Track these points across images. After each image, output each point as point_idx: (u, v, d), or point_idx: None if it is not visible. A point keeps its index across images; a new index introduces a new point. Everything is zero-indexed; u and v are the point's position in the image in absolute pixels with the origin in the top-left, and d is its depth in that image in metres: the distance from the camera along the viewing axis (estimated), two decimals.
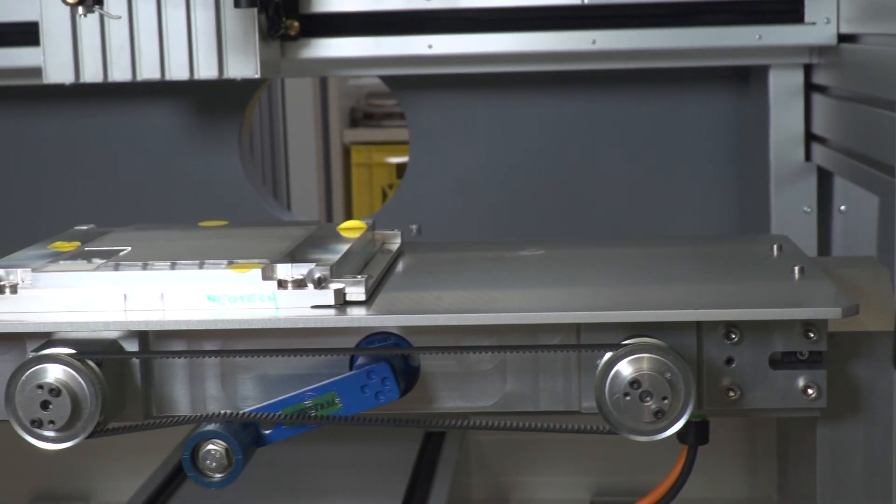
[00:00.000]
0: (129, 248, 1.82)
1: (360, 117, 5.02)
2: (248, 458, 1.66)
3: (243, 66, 2.57)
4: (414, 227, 2.16)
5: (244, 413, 1.67)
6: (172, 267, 1.71)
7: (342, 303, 1.68)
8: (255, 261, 1.71)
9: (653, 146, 3.00)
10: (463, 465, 3.07)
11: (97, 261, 1.74)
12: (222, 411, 1.68)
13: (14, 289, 1.71)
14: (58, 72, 2.58)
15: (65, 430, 1.65)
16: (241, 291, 1.67)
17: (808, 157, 2.79)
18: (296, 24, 2.69)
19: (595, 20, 2.64)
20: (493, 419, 1.70)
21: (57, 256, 1.80)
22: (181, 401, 1.75)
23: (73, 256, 1.77)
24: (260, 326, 1.66)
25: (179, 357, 1.69)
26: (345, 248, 1.81)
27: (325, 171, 4.75)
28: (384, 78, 3.05)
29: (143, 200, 3.08)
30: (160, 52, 2.58)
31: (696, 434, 1.71)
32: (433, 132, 3.02)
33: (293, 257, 1.73)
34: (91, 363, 1.65)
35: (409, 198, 3.06)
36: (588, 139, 3.00)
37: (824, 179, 2.84)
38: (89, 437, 1.67)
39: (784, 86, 2.81)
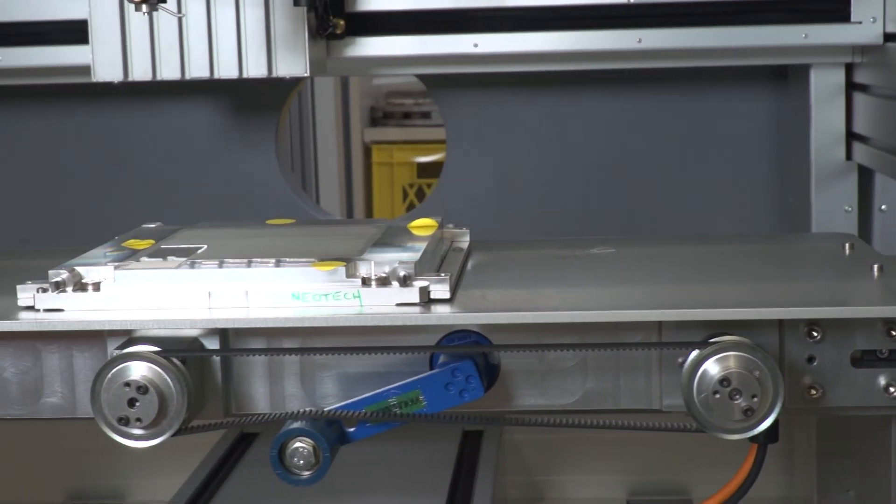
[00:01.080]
0: (206, 246, 1.81)
1: (379, 116, 5.02)
2: (333, 455, 1.67)
3: (292, 64, 2.56)
4: None
5: (329, 411, 1.67)
6: (255, 265, 1.70)
7: (427, 300, 1.68)
8: (338, 258, 1.70)
9: (690, 145, 3.00)
10: (499, 463, 3.07)
11: (176, 259, 1.74)
12: (306, 409, 1.68)
13: (97, 286, 1.71)
14: (106, 70, 2.58)
15: (151, 428, 1.65)
16: (326, 289, 1.68)
17: (848, 156, 2.80)
18: (341, 22, 2.68)
19: (641, 19, 2.64)
20: (574, 417, 1.71)
21: (135, 254, 1.80)
22: (260, 399, 1.76)
23: (151, 254, 1.77)
24: (346, 324, 1.66)
25: (268, 355, 1.69)
26: (422, 245, 1.81)
27: (346, 170, 4.75)
28: (421, 76, 3.04)
29: (180, 198, 3.07)
30: (209, 51, 2.57)
31: (766, 433, 1.70)
32: (469, 131, 3.02)
33: (373, 255, 1.73)
34: (176, 361, 1.65)
35: (445, 196, 3.06)
36: (625, 137, 3.00)
37: (865, 178, 2.84)
38: (174, 434, 1.66)
39: (825, 85, 2.81)
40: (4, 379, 1.73)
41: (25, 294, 1.72)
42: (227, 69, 2.56)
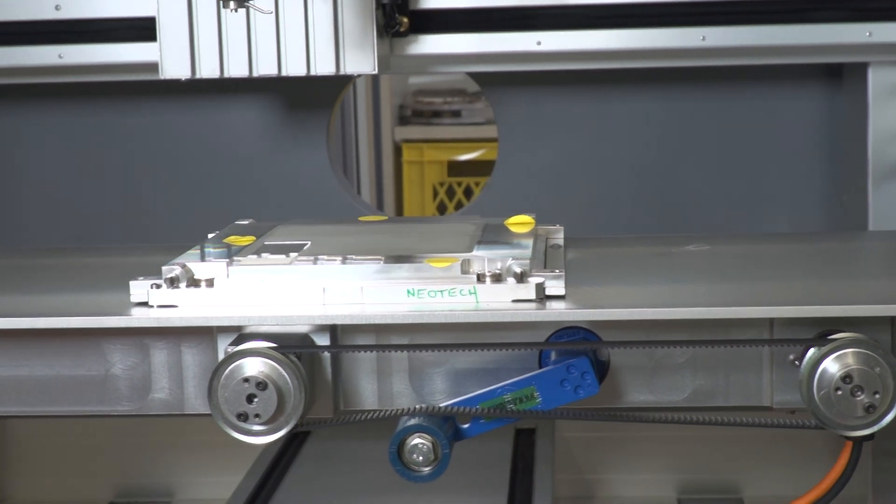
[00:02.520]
0: (310, 243, 1.81)
1: (408, 115, 5.02)
2: (451, 452, 1.67)
3: (361, 62, 2.57)
4: None
5: (444, 407, 1.67)
6: (369, 261, 1.71)
7: (542, 297, 1.69)
8: (452, 255, 1.71)
9: (741, 142, 3.01)
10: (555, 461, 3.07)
11: (287, 255, 1.74)
12: (421, 405, 1.68)
13: (210, 282, 1.71)
14: (174, 67, 2.58)
15: (269, 424, 1.65)
16: (442, 285, 1.68)
17: None
18: (405, 20, 2.68)
19: (705, 17, 2.65)
20: (685, 413, 1.71)
21: (240, 250, 1.80)
22: (368, 395, 1.76)
23: (259, 251, 1.77)
24: (463, 320, 1.66)
25: (388, 351, 1.70)
26: (528, 242, 1.82)
27: (377, 168, 4.75)
28: (472, 74, 3.05)
29: (232, 196, 3.08)
30: (277, 49, 2.57)
31: None
32: (521, 128, 3.03)
33: (484, 251, 1.73)
34: (293, 357, 1.66)
35: (497, 194, 3.07)
36: (676, 134, 3.01)
37: None
38: (290, 430, 1.66)
39: (883, 83, 2.82)
40: (113, 375, 1.73)
41: (139, 290, 1.72)
42: (294, 67, 2.56)
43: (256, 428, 1.65)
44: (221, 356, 1.70)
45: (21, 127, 3.06)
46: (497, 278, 1.68)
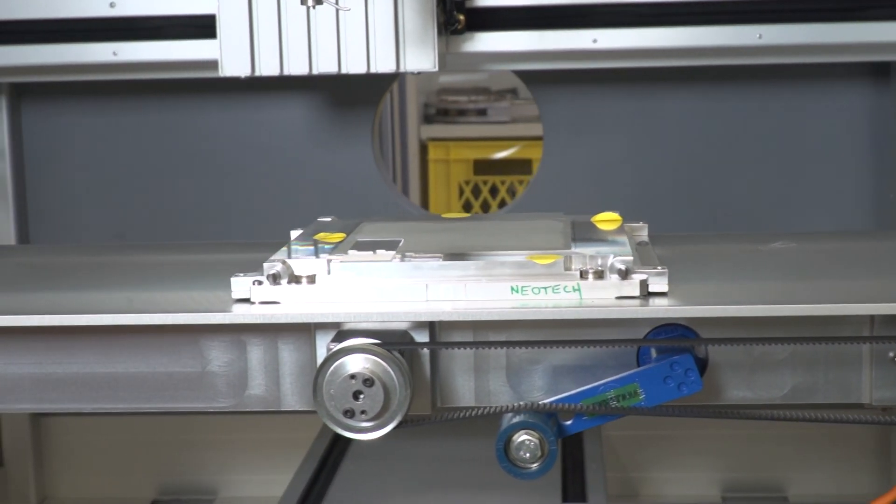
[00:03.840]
0: (403, 240, 1.81)
1: (432, 113, 5.02)
2: (558, 448, 1.67)
3: (421, 59, 2.57)
4: None
5: (548, 404, 1.67)
6: (471, 258, 1.71)
7: (646, 294, 1.69)
8: (553, 252, 1.71)
9: (786, 141, 3.01)
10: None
11: (386, 252, 1.74)
12: (523, 402, 1.68)
13: (311, 279, 1.71)
14: (234, 66, 2.58)
15: (375, 420, 1.65)
16: (546, 282, 1.68)
17: None
18: (462, 17, 2.68)
19: (763, 14, 2.65)
20: (787, 410, 1.72)
21: (335, 247, 1.80)
22: (465, 392, 1.76)
23: (356, 248, 1.77)
24: (569, 317, 1.67)
25: (496, 347, 1.70)
26: (624, 239, 1.82)
27: (402, 167, 4.75)
28: (517, 72, 3.05)
29: (278, 194, 3.07)
30: (337, 46, 2.57)
31: None
32: (566, 125, 3.03)
33: (583, 248, 1.74)
34: (397, 353, 1.66)
35: (541, 192, 3.07)
36: (721, 133, 3.01)
37: None
38: (395, 426, 1.67)
39: None
40: (210, 372, 1.73)
41: (240, 286, 1.71)
42: (355, 64, 2.56)
43: (362, 424, 1.64)
44: (321, 353, 1.70)
45: (58, 123, 3.06)
46: (599, 275, 1.68)
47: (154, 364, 1.73)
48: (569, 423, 1.68)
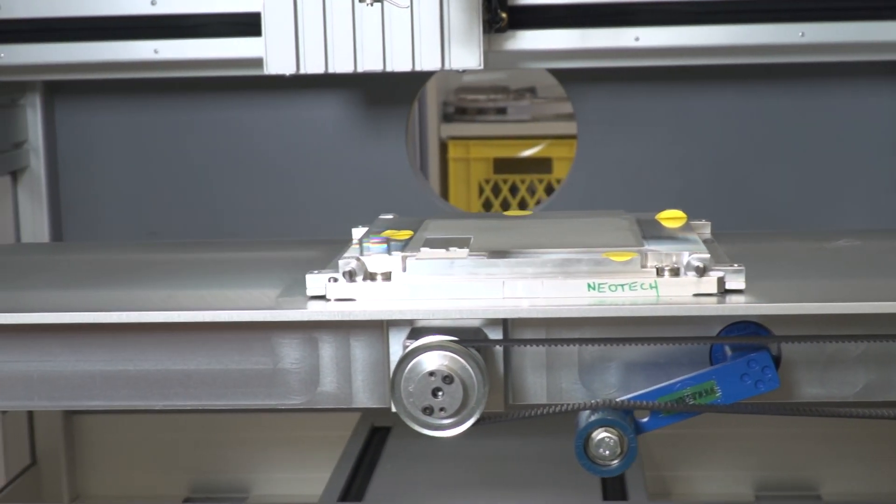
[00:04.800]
0: (473, 237, 1.81)
1: (451, 112, 5.02)
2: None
3: (466, 57, 2.57)
4: None
5: (624, 401, 1.68)
6: (546, 255, 1.71)
7: (723, 291, 1.69)
8: (628, 249, 1.71)
9: (819, 139, 3.01)
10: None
11: (460, 249, 1.74)
12: (600, 400, 1.68)
13: (387, 276, 1.71)
14: (279, 63, 2.58)
15: (453, 417, 1.65)
16: (623, 280, 1.68)
17: None
18: (504, 15, 2.68)
19: (805, 12, 2.65)
20: (859, 408, 1.72)
21: (405, 245, 1.79)
22: (537, 390, 1.76)
23: (429, 245, 1.77)
24: (646, 314, 1.67)
25: (575, 345, 1.69)
26: (695, 237, 1.82)
27: (422, 165, 4.75)
28: (553, 70, 3.05)
29: (310, 192, 3.07)
30: (382, 44, 2.57)
31: None
32: (600, 124, 3.03)
33: (656, 246, 1.73)
34: (474, 350, 1.66)
35: (575, 190, 3.08)
36: (754, 131, 3.02)
37: None
38: (474, 424, 1.67)
39: None
40: (283, 369, 1.73)
41: (316, 283, 1.71)
42: (400, 62, 2.56)
43: (441, 422, 1.64)
44: (394, 350, 1.70)
45: (91, 120, 3.05)
46: (675, 272, 1.68)
47: (226, 361, 1.73)
48: (645, 420, 1.68)
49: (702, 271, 1.66)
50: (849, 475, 3.11)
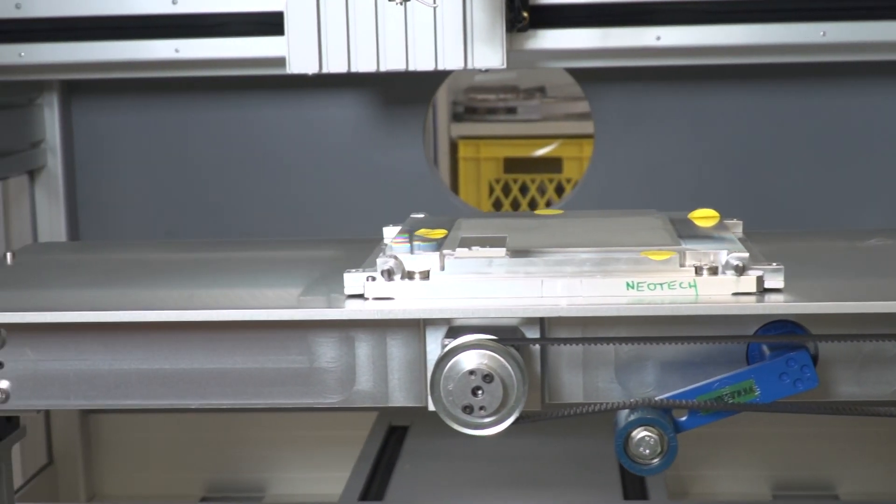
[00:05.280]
0: (508, 236, 1.81)
1: (461, 111, 5.02)
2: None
3: (489, 56, 2.57)
4: None
5: (663, 399, 1.68)
6: (584, 253, 1.71)
7: (762, 290, 1.69)
8: (666, 248, 1.71)
9: (838, 139, 3.02)
10: None
11: (497, 248, 1.74)
12: (638, 399, 1.68)
13: (425, 275, 1.71)
14: (301, 63, 2.58)
15: (493, 416, 1.65)
16: (662, 279, 1.68)
17: None
18: (525, 14, 2.68)
19: (827, 12, 2.65)
20: None
21: (441, 243, 1.79)
22: (574, 389, 1.76)
23: (465, 244, 1.77)
24: (686, 313, 1.67)
25: (610, 343, 1.69)
26: (732, 236, 1.82)
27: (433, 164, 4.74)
28: (570, 70, 3.05)
29: (327, 191, 3.08)
30: (405, 43, 2.57)
31: None
32: (617, 123, 3.03)
33: (693, 245, 1.73)
34: (513, 349, 1.66)
35: (592, 189, 3.08)
36: (773, 130, 3.02)
37: None
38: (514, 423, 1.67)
39: None
40: (318, 368, 1.73)
41: (354, 282, 1.71)
42: (422, 62, 2.56)
43: (481, 420, 1.64)
44: (431, 349, 1.70)
45: (108, 120, 3.05)
46: (713, 271, 1.67)
47: (262, 360, 1.72)
48: (683, 419, 1.68)
49: (741, 270, 1.66)
50: (866, 475, 3.11)
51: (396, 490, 2.83)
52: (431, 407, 1.70)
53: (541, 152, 4.79)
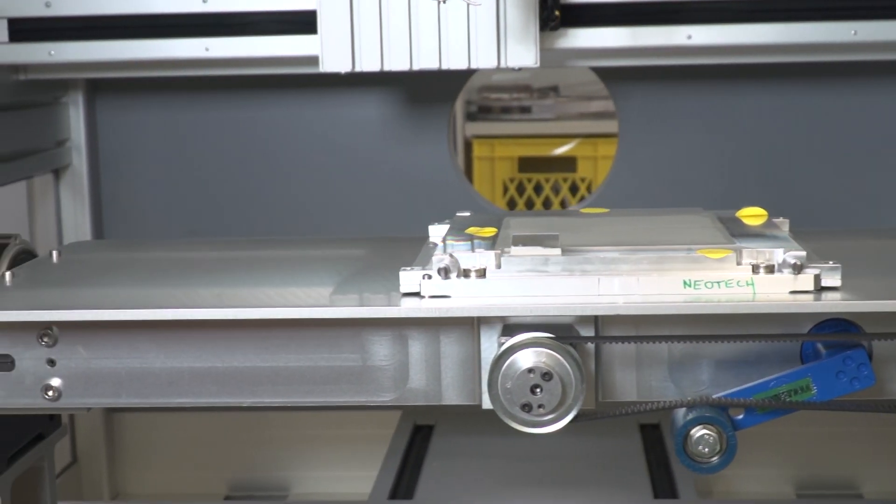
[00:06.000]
0: (559, 234, 1.81)
1: (474, 111, 5.02)
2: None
3: (522, 55, 2.57)
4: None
5: (721, 398, 1.68)
6: (639, 251, 1.71)
7: (819, 288, 1.69)
8: (721, 246, 1.71)
9: (862, 139, 3.02)
10: None
11: (551, 246, 1.73)
12: (695, 397, 1.68)
13: (482, 273, 1.71)
14: (334, 62, 2.58)
15: (552, 414, 1.65)
16: (719, 277, 1.68)
17: None
18: (557, 13, 2.68)
19: (857, 11, 2.65)
20: None
21: (493, 242, 1.79)
22: (627, 387, 1.76)
23: (515, 241, 1.77)
24: (744, 311, 1.67)
25: (674, 342, 1.69)
26: (781, 234, 1.82)
27: None
28: (595, 68, 3.05)
29: (352, 190, 3.07)
30: (438, 42, 2.57)
31: None
32: (643, 122, 3.03)
33: (747, 243, 1.74)
34: (571, 347, 1.66)
35: (616, 189, 3.08)
36: (797, 130, 3.02)
37: None
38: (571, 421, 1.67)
39: None
40: (372, 366, 1.73)
41: (410, 280, 1.71)
42: (455, 60, 2.56)
43: (540, 419, 1.64)
44: (485, 346, 1.70)
45: (132, 118, 3.05)
46: (770, 270, 1.67)
47: (315, 358, 1.72)
48: (740, 417, 1.68)
49: (798, 268, 1.66)
50: (891, 475, 3.11)
51: (426, 489, 2.83)
52: (485, 405, 1.69)
53: (560, 151, 4.79)
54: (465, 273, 1.71)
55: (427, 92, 3.00)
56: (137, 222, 3.10)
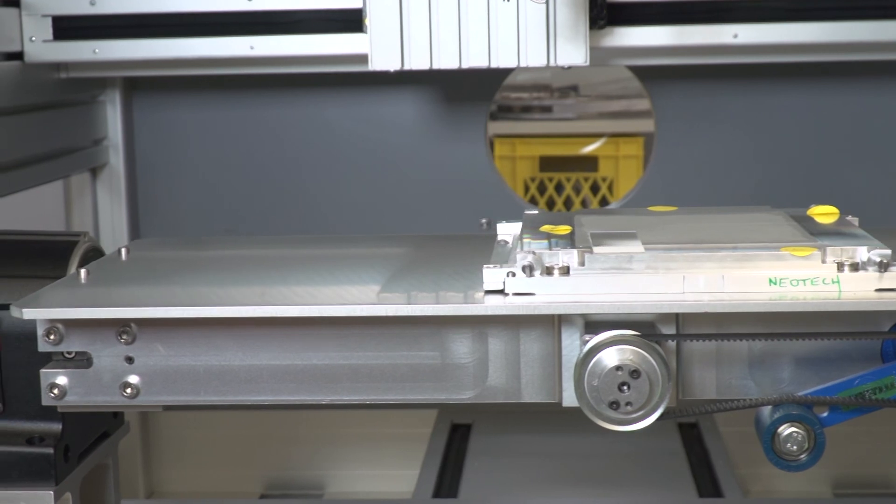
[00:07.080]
0: (636, 232, 1.81)
1: (495, 110, 5.02)
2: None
3: (573, 53, 2.57)
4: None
5: (806, 395, 1.68)
6: (724, 249, 1.71)
7: None
8: (804, 244, 1.71)
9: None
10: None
11: (632, 244, 1.73)
12: (781, 395, 1.68)
13: (565, 270, 1.71)
14: (384, 60, 2.57)
15: (639, 412, 1.65)
16: (805, 275, 1.68)
17: None
18: (605, 12, 2.68)
19: None
20: None
21: (570, 239, 1.79)
22: (707, 385, 1.75)
23: (594, 239, 1.76)
24: (830, 309, 1.67)
25: (760, 339, 1.69)
26: (860, 231, 1.82)
27: None
28: (632, 67, 3.05)
29: (390, 189, 3.07)
30: (487, 40, 2.56)
31: None
32: (679, 121, 3.03)
33: (829, 241, 1.73)
34: (656, 345, 1.65)
35: (653, 187, 3.08)
36: (841, 129, 3.02)
37: None
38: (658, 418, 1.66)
39: None
40: (452, 364, 1.72)
41: (493, 278, 1.71)
42: (505, 58, 2.56)
43: (628, 416, 1.63)
44: (566, 344, 1.70)
45: (169, 117, 3.05)
46: (855, 267, 1.67)
47: (395, 356, 1.71)
48: (824, 415, 1.68)
49: (884, 266, 1.66)
50: None
51: (469, 487, 2.83)
52: (566, 403, 1.69)
53: (587, 150, 4.79)
54: (548, 270, 1.70)
55: (464, 91, 3.00)
56: (174, 221, 3.10)
